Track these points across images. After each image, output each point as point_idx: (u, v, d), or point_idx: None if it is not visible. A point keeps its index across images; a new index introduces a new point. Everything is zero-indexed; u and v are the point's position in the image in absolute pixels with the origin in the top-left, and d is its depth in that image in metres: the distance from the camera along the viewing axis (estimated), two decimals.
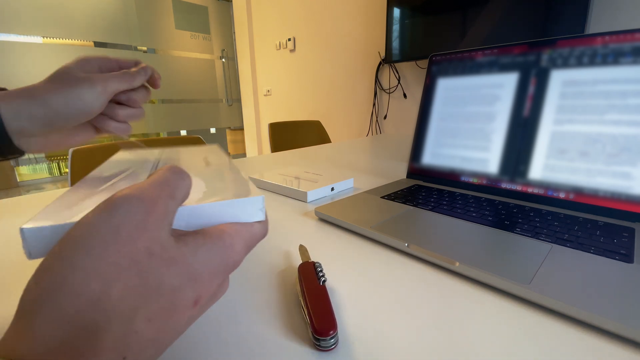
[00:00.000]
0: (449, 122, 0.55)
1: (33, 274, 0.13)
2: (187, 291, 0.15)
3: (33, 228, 0.15)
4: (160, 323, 0.14)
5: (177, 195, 0.16)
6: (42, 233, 0.15)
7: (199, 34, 3.13)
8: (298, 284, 0.27)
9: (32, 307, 0.12)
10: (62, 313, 0.12)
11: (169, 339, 0.15)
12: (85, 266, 0.13)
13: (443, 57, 0.56)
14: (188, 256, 0.16)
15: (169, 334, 0.15)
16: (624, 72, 0.39)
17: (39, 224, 0.15)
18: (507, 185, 0.48)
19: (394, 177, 0.66)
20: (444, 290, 0.28)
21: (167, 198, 0.16)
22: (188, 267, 0.15)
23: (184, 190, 0.17)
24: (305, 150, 1.09)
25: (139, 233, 0.14)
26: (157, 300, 0.14)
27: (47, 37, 2.28)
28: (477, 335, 0.23)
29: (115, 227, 0.14)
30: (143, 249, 0.14)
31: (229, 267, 0.18)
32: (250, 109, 3.13)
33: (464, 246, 0.33)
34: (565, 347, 0.22)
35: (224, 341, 0.23)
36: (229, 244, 0.17)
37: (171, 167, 0.18)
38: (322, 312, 0.23)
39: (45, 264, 0.13)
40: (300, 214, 0.47)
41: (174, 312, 0.15)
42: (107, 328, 0.13)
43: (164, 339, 0.15)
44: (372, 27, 2.02)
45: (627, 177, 0.38)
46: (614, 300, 0.24)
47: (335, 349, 0.22)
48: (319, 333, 0.21)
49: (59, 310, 0.12)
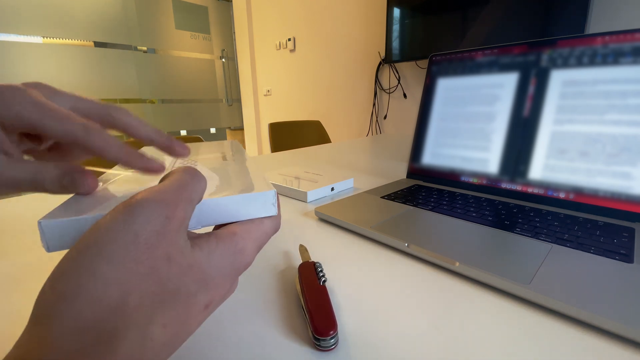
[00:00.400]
0: (449, 122, 0.55)
1: (48, 278, 0.13)
2: (201, 296, 0.15)
3: (51, 221, 0.15)
4: (174, 328, 0.14)
5: (194, 199, 0.16)
6: (59, 226, 0.15)
7: (199, 34, 3.13)
8: (298, 284, 0.27)
9: (48, 312, 0.12)
10: (80, 320, 0.12)
11: (180, 342, 0.15)
12: (104, 273, 0.13)
13: (443, 57, 0.56)
14: (202, 261, 0.16)
15: (180, 338, 0.15)
16: (624, 72, 0.39)
17: (56, 218, 0.15)
18: (507, 185, 0.48)
19: (394, 177, 0.66)
20: (444, 290, 0.28)
21: (186, 202, 0.16)
22: (203, 273, 0.15)
23: (200, 193, 0.17)
24: (305, 150, 1.09)
25: (159, 240, 0.14)
26: (174, 306, 0.14)
27: (47, 37, 2.28)
28: (477, 335, 0.23)
29: (134, 233, 0.14)
30: (162, 255, 0.14)
31: (240, 270, 0.18)
32: (250, 109, 3.13)
33: (464, 246, 0.33)
34: (565, 347, 0.22)
35: (224, 341, 0.23)
36: (241, 247, 0.17)
37: (187, 169, 0.18)
38: (322, 312, 0.23)
39: (61, 268, 0.13)
40: (300, 214, 0.47)
41: (187, 318, 0.15)
42: (124, 335, 0.12)
43: (175, 343, 0.15)
44: (372, 27, 2.02)
45: (627, 177, 0.38)
46: (614, 300, 0.24)
47: (335, 349, 0.22)
48: (319, 333, 0.21)
49: (77, 317, 0.12)
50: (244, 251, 0.18)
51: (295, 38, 2.55)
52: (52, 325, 0.12)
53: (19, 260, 0.34)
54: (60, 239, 0.15)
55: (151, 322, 0.13)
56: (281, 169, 0.70)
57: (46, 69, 2.29)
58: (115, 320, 0.12)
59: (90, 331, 0.12)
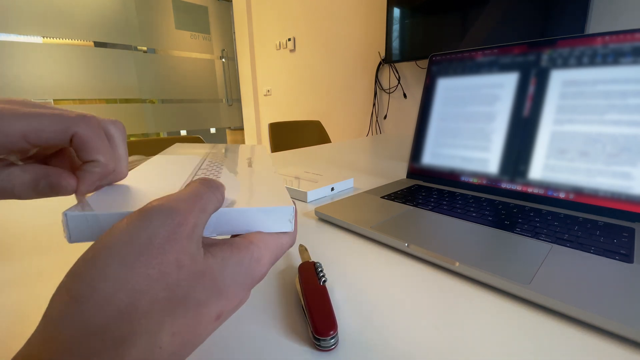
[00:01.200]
0: (449, 122, 0.55)
1: (63, 279, 0.13)
2: (212, 305, 0.15)
3: (75, 214, 0.16)
4: (183, 338, 0.14)
5: (208, 209, 0.16)
6: (83, 219, 0.16)
7: (199, 34, 3.13)
8: (298, 284, 0.27)
9: (60, 314, 0.12)
10: (91, 323, 0.12)
11: (188, 352, 0.15)
12: (116, 275, 0.13)
13: (443, 57, 0.56)
14: (215, 269, 0.15)
15: (189, 347, 0.15)
16: (624, 72, 0.39)
17: (81, 211, 0.16)
18: (507, 185, 0.48)
19: (394, 177, 0.66)
20: (444, 290, 0.28)
21: (199, 211, 0.16)
22: (215, 281, 0.15)
23: (215, 204, 0.17)
24: (305, 150, 1.09)
25: (170, 245, 0.14)
26: (184, 314, 0.14)
27: (47, 37, 2.28)
28: (477, 335, 0.23)
29: (148, 237, 0.14)
30: (173, 261, 0.14)
31: (255, 281, 0.17)
32: (250, 109, 3.13)
33: (464, 246, 0.33)
34: (565, 347, 0.22)
35: (224, 341, 0.23)
36: (257, 256, 0.17)
37: (204, 181, 0.18)
38: (322, 312, 0.23)
39: (76, 270, 0.13)
40: (300, 214, 0.47)
41: (197, 327, 0.15)
42: (133, 342, 0.12)
43: (183, 353, 0.15)
44: (372, 27, 2.02)
45: (627, 177, 0.38)
46: (613, 300, 0.24)
47: (335, 349, 0.22)
48: (319, 333, 0.21)
49: (88, 320, 0.12)
50: (260, 260, 0.17)
51: (295, 38, 2.55)
52: (63, 327, 0.12)
53: (18, 263, 0.34)
54: (83, 232, 0.16)
55: (161, 330, 0.13)
56: (281, 168, 0.70)
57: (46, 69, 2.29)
58: (125, 326, 0.12)
59: (100, 335, 0.12)
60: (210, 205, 0.17)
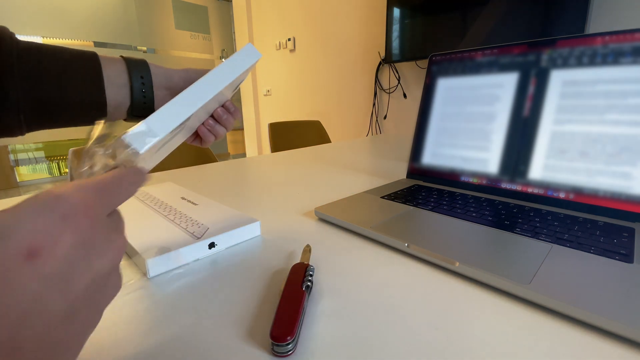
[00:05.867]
0: (449, 122, 0.55)
1: None
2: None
3: None
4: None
5: None
6: None
7: (199, 34, 3.13)
8: (284, 284, 0.27)
9: None
10: None
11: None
12: None
13: (443, 57, 0.56)
14: None
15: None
16: (624, 72, 0.39)
17: None
18: (507, 185, 0.48)
19: (394, 177, 0.66)
20: (444, 290, 0.28)
21: None
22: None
23: None
24: (305, 150, 1.09)
25: None
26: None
27: (47, 37, 2.28)
28: (477, 336, 0.23)
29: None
30: None
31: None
32: (250, 109, 3.13)
33: (464, 246, 0.33)
34: (565, 347, 0.22)
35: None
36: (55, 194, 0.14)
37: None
38: (287, 316, 0.22)
39: None
40: (300, 213, 0.47)
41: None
42: None
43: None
44: (372, 27, 2.02)
45: (627, 177, 0.38)
46: (614, 300, 0.24)
47: (293, 355, 0.21)
48: (274, 337, 0.21)
49: None
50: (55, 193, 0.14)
51: (295, 38, 2.55)
52: None
53: None
54: None
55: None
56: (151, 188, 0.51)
57: None
58: None
59: None
60: None
